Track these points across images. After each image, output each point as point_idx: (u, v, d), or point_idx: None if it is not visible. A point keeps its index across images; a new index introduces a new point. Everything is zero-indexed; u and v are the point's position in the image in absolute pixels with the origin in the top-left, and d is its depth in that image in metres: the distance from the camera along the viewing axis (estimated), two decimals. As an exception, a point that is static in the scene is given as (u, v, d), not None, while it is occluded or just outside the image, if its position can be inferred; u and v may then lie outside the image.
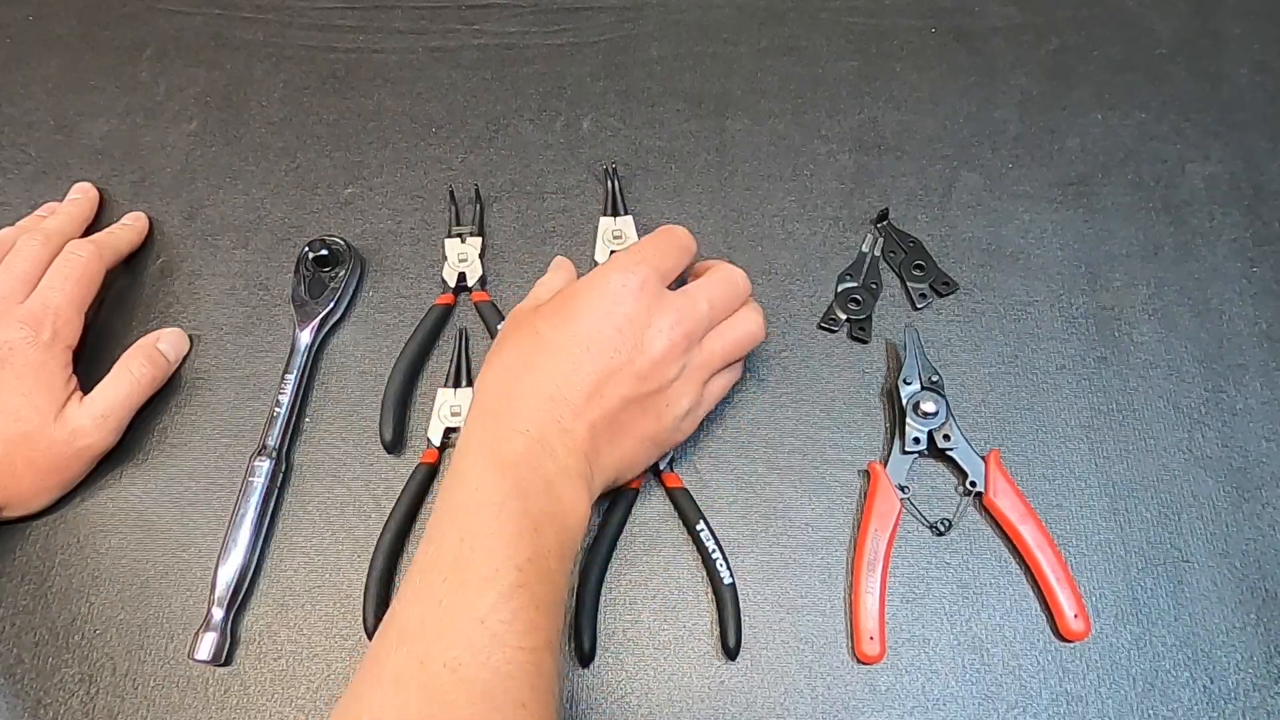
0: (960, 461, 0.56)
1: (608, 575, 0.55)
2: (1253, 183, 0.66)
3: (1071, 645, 0.53)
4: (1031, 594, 0.54)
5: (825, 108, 0.69)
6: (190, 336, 0.62)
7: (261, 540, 0.55)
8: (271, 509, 0.56)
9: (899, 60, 0.71)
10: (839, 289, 0.62)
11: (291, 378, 0.59)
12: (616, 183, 0.65)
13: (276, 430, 0.57)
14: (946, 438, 0.56)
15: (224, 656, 0.53)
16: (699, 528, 0.54)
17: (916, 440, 0.56)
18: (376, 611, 0.53)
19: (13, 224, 0.63)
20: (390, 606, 0.44)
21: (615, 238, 0.63)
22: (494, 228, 0.65)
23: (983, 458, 0.56)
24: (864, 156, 0.67)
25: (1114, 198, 0.65)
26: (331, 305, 0.61)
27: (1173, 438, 0.58)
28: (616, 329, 0.49)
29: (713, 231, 0.65)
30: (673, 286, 0.53)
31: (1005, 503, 0.55)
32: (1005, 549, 0.55)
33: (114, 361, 0.58)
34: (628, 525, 0.56)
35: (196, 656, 0.52)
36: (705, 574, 0.54)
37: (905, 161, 0.67)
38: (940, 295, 0.62)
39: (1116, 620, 0.53)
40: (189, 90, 0.71)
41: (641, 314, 0.50)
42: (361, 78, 0.71)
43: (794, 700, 0.52)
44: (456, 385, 0.59)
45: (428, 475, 0.57)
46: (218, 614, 0.53)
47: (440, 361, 0.61)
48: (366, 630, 0.53)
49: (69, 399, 0.55)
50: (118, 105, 0.71)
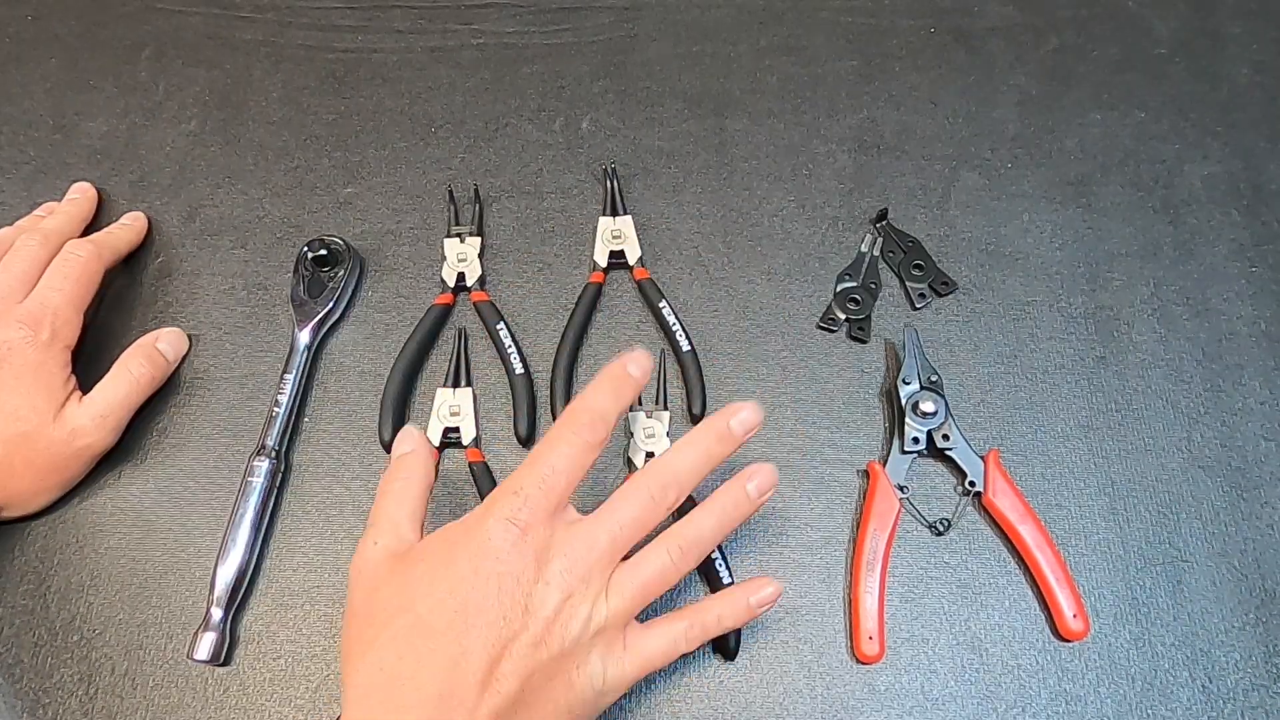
0: (959, 461, 0.56)
1: (607, 575, 0.55)
2: (1252, 183, 0.66)
3: (1071, 645, 0.53)
4: (1030, 594, 0.54)
5: (825, 108, 0.69)
6: (190, 336, 0.62)
7: (261, 540, 0.55)
8: (271, 509, 0.56)
9: (898, 60, 0.71)
10: (838, 289, 0.62)
11: (291, 378, 0.59)
12: (615, 183, 0.65)
13: (276, 430, 0.57)
14: (946, 437, 0.56)
15: (223, 656, 0.53)
16: (698, 528, 0.54)
17: (916, 440, 0.56)
18: (376, 612, 0.53)
19: (12, 224, 0.63)
20: None
21: (614, 237, 0.63)
22: (493, 227, 0.65)
23: (982, 457, 0.56)
24: (863, 156, 0.67)
25: (1113, 197, 0.65)
26: (331, 305, 0.61)
27: (1172, 438, 0.58)
28: (501, 591, 0.42)
29: (712, 231, 0.65)
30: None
31: (1004, 502, 0.55)
32: (1004, 549, 0.55)
33: (113, 361, 0.58)
34: (627, 525, 0.56)
35: (196, 656, 0.52)
36: (705, 574, 0.54)
37: (905, 161, 0.67)
38: (939, 295, 0.62)
39: (1115, 620, 0.53)
40: (188, 90, 0.71)
41: (528, 568, 0.43)
42: (361, 77, 0.71)
43: (793, 700, 0.52)
44: (455, 385, 0.59)
45: (427, 475, 0.57)
46: (217, 614, 0.53)
47: (439, 361, 0.61)
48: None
49: (68, 399, 0.55)
50: (117, 105, 0.71)
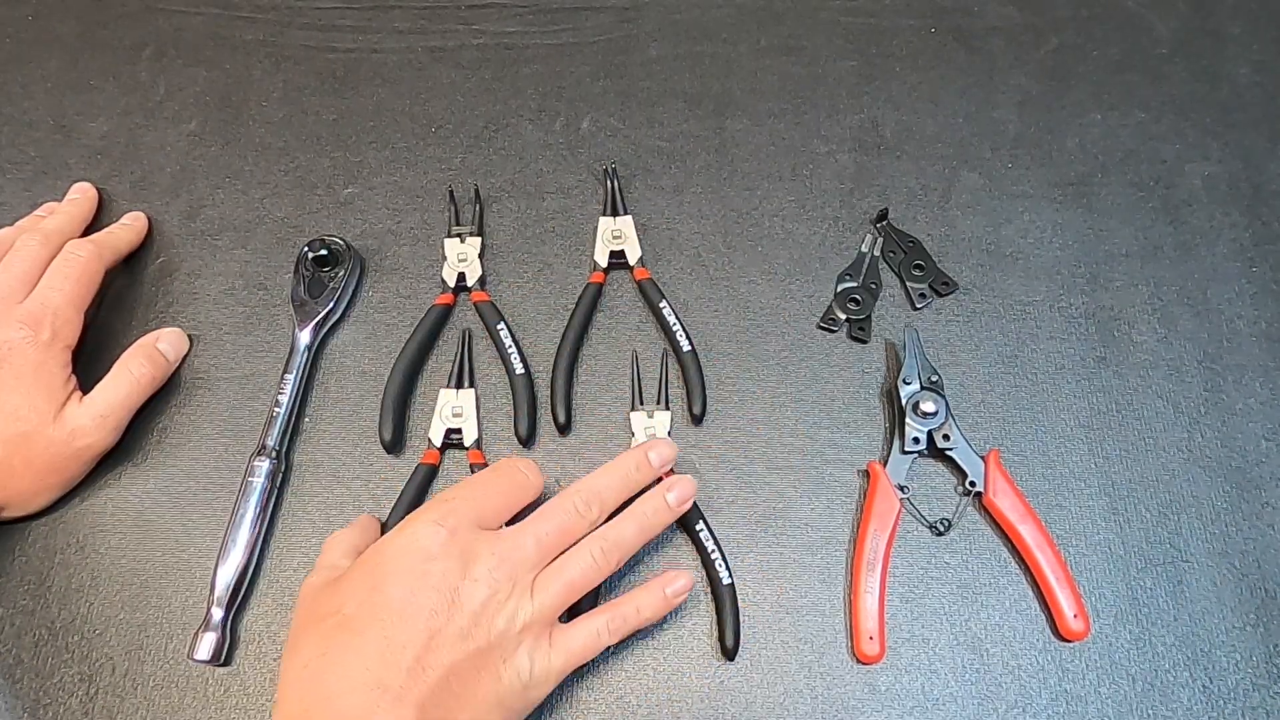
0: (960, 461, 0.56)
1: (607, 575, 0.55)
2: (1252, 183, 0.66)
3: (1071, 645, 0.53)
4: (1031, 594, 0.54)
5: (825, 108, 0.69)
6: (190, 336, 0.62)
7: (261, 540, 0.55)
8: (271, 509, 0.56)
9: (899, 60, 0.71)
10: (839, 289, 0.62)
11: (291, 378, 0.59)
12: (616, 183, 0.65)
13: (276, 430, 0.57)
14: (946, 437, 0.56)
15: (224, 656, 0.53)
16: (698, 528, 0.54)
17: (916, 440, 0.56)
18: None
19: (12, 224, 0.63)
20: None
21: (615, 237, 0.63)
22: (493, 228, 0.65)
23: (982, 457, 0.56)
24: (864, 156, 0.67)
25: (1114, 198, 0.65)
26: (331, 305, 0.61)
27: (1172, 437, 0.58)
28: (431, 588, 0.44)
29: (713, 231, 0.65)
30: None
31: (1005, 502, 0.55)
32: (1005, 549, 0.55)
33: (114, 361, 0.58)
34: (627, 525, 0.56)
35: (196, 656, 0.52)
36: (705, 574, 0.54)
37: (905, 161, 0.67)
38: (940, 295, 0.62)
39: (1116, 620, 0.53)
40: (189, 90, 0.71)
41: (455, 566, 0.45)
42: (361, 77, 0.71)
43: (794, 700, 0.52)
44: (459, 386, 0.59)
45: (428, 476, 0.57)
46: (217, 614, 0.53)
47: (440, 361, 0.61)
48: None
49: (68, 399, 0.55)
50: (117, 105, 0.71)
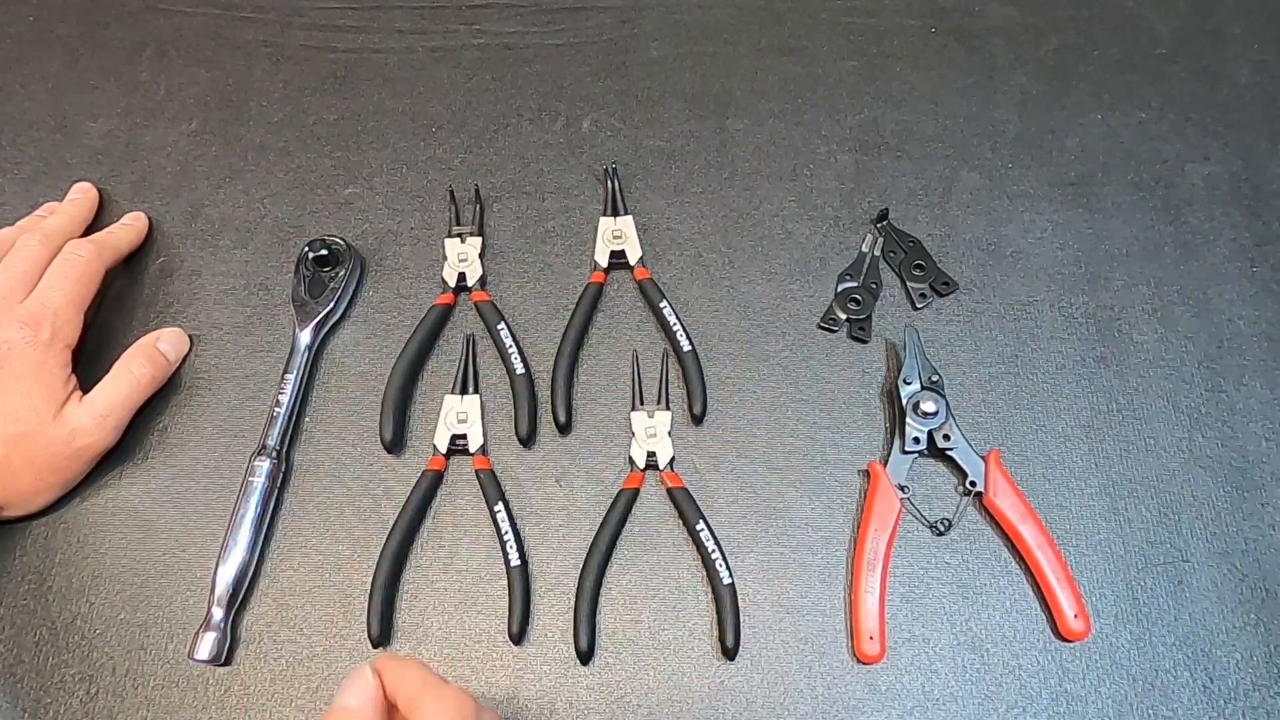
0: (960, 461, 0.56)
1: (607, 575, 0.55)
2: (1253, 183, 0.66)
3: (1071, 645, 0.53)
4: (1031, 594, 0.54)
5: (825, 108, 0.69)
6: (190, 336, 0.62)
7: (261, 540, 0.55)
8: (271, 509, 0.56)
9: (899, 60, 0.71)
10: (839, 289, 0.62)
11: (291, 378, 0.59)
12: (616, 183, 0.65)
13: (276, 430, 0.57)
14: (946, 437, 0.56)
15: (224, 656, 0.53)
16: (699, 528, 0.54)
17: (916, 440, 0.56)
18: (381, 620, 0.53)
19: (13, 224, 0.63)
20: None
21: (615, 237, 0.63)
22: (494, 228, 0.65)
23: (983, 457, 0.56)
24: (864, 156, 0.67)
25: (1114, 198, 0.65)
26: (331, 305, 0.61)
27: (1173, 437, 0.58)
28: None
29: (713, 231, 0.65)
30: None
31: (1005, 502, 0.55)
32: (1005, 549, 0.55)
33: (114, 361, 0.58)
34: (628, 525, 0.56)
35: (196, 656, 0.52)
36: (705, 574, 0.54)
37: (905, 161, 0.67)
38: (940, 295, 0.62)
39: (1116, 620, 0.53)
40: (189, 90, 0.71)
41: None
42: (361, 78, 0.71)
43: (794, 700, 0.52)
44: (463, 392, 0.59)
45: (433, 482, 0.57)
46: (218, 614, 0.53)
47: (440, 362, 0.61)
48: (371, 639, 0.53)
49: (68, 399, 0.55)
50: (118, 105, 0.71)
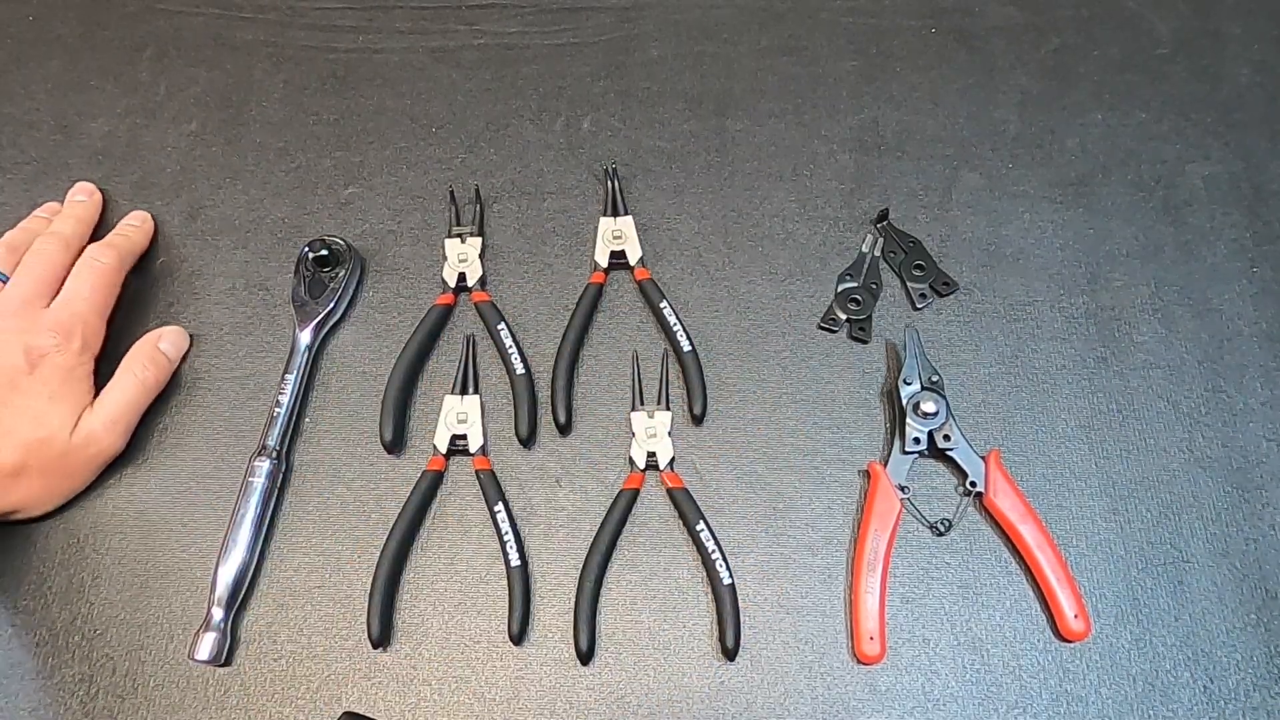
0: (960, 461, 0.56)
1: (607, 575, 0.55)
2: (1253, 183, 0.66)
3: (1071, 645, 0.53)
4: (1031, 594, 0.54)
5: (825, 108, 0.69)
6: (190, 335, 0.62)
7: (261, 540, 0.55)
8: (271, 509, 0.56)
9: (899, 60, 0.71)
10: (839, 289, 0.62)
11: (291, 378, 0.59)
12: (616, 183, 0.65)
13: (276, 430, 0.57)
14: (946, 438, 0.56)
15: (224, 656, 0.53)
16: (699, 528, 0.54)
17: (916, 440, 0.56)
18: (382, 620, 0.53)
19: (13, 224, 0.63)
20: None
21: (615, 238, 0.63)
22: (494, 228, 0.65)
23: (983, 458, 0.56)
24: (864, 156, 0.67)
25: (1114, 198, 0.65)
26: (331, 305, 0.61)
27: (1173, 438, 0.58)
28: None
29: (713, 231, 0.65)
30: None
31: (1005, 503, 0.55)
32: (1005, 549, 0.55)
33: (116, 361, 0.58)
34: (628, 525, 0.56)
35: (196, 656, 0.52)
36: (705, 574, 0.54)
37: (905, 161, 0.67)
38: (940, 295, 0.62)
39: (1116, 620, 0.53)
40: (189, 90, 0.71)
41: None
42: (361, 78, 0.71)
43: (794, 700, 0.52)
44: (464, 392, 0.59)
45: (433, 483, 0.57)
46: (218, 614, 0.53)
47: (440, 362, 0.61)
48: (372, 640, 0.53)
49: (85, 412, 0.56)
50: (118, 105, 0.71)
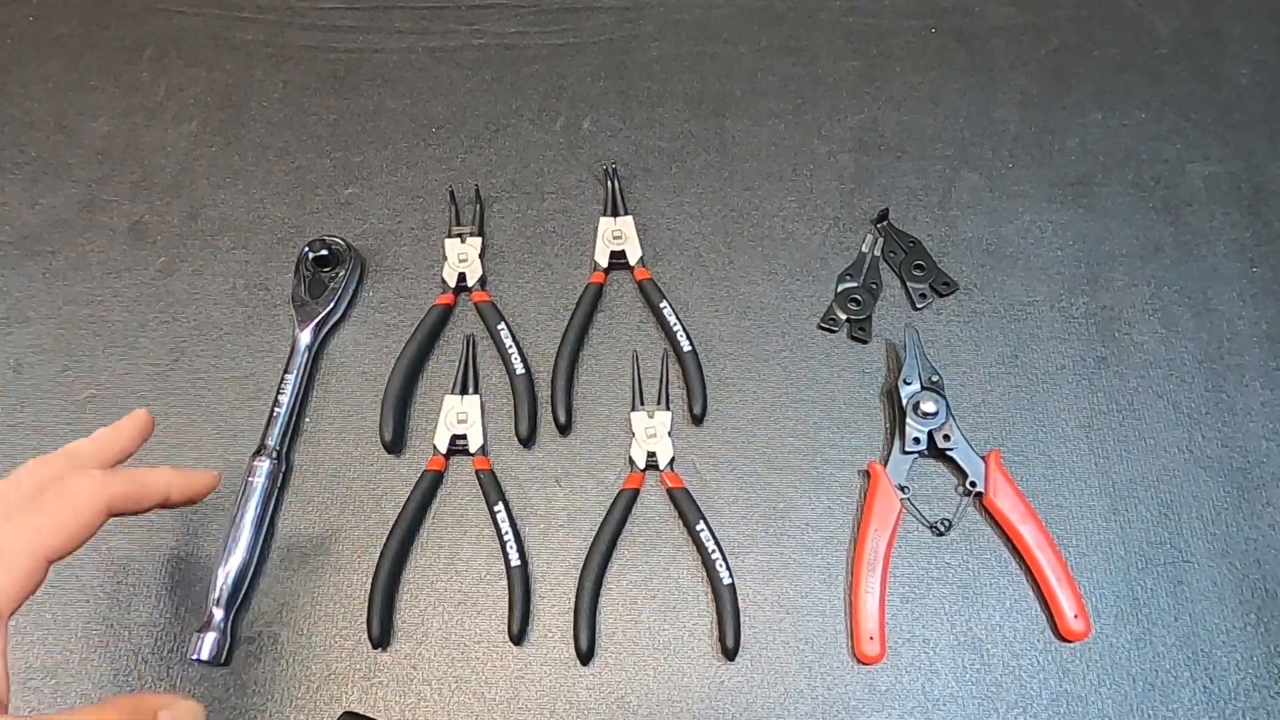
0: (960, 461, 0.56)
1: (608, 575, 0.55)
2: (1253, 183, 0.66)
3: (1071, 645, 0.53)
4: (1031, 594, 0.54)
5: (825, 108, 0.69)
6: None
7: (261, 540, 0.55)
8: (271, 509, 0.56)
9: (899, 60, 0.71)
10: (839, 289, 0.62)
11: (291, 378, 0.59)
12: (616, 183, 0.65)
13: (276, 430, 0.57)
14: (946, 438, 0.56)
15: (224, 656, 0.52)
16: (699, 528, 0.54)
17: (916, 440, 0.56)
18: (382, 620, 0.53)
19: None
20: None
21: (615, 237, 0.63)
22: (494, 228, 0.65)
23: (983, 458, 0.56)
24: (864, 156, 0.67)
25: (1114, 198, 0.65)
26: (331, 305, 0.61)
27: (1173, 438, 0.58)
28: None
29: (713, 231, 0.65)
30: None
31: (1005, 503, 0.55)
32: (1005, 549, 0.55)
33: (116, 362, 0.57)
34: (628, 525, 0.56)
35: (196, 657, 0.52)
36: (705, 574, 0.54)
37: (905, 161, 0.67)
38: (940, 295, 0.62)
39: (1116, 620, 0.53)
40: (189, 90, 0.71)
41: None
42: (361, 78, 0.71)
43: (794, 700, 0.52)
44: (464, 392, 0.59)
45: (433, 482, 0.57)
46: (218, 614, 0.53)
47: (440, 362, 0.61)
48: (371, 639, 0.53)
49: None
50: (118, 105, 0.71)
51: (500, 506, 0.55)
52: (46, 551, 0.38)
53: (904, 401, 0.57)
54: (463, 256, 0.63)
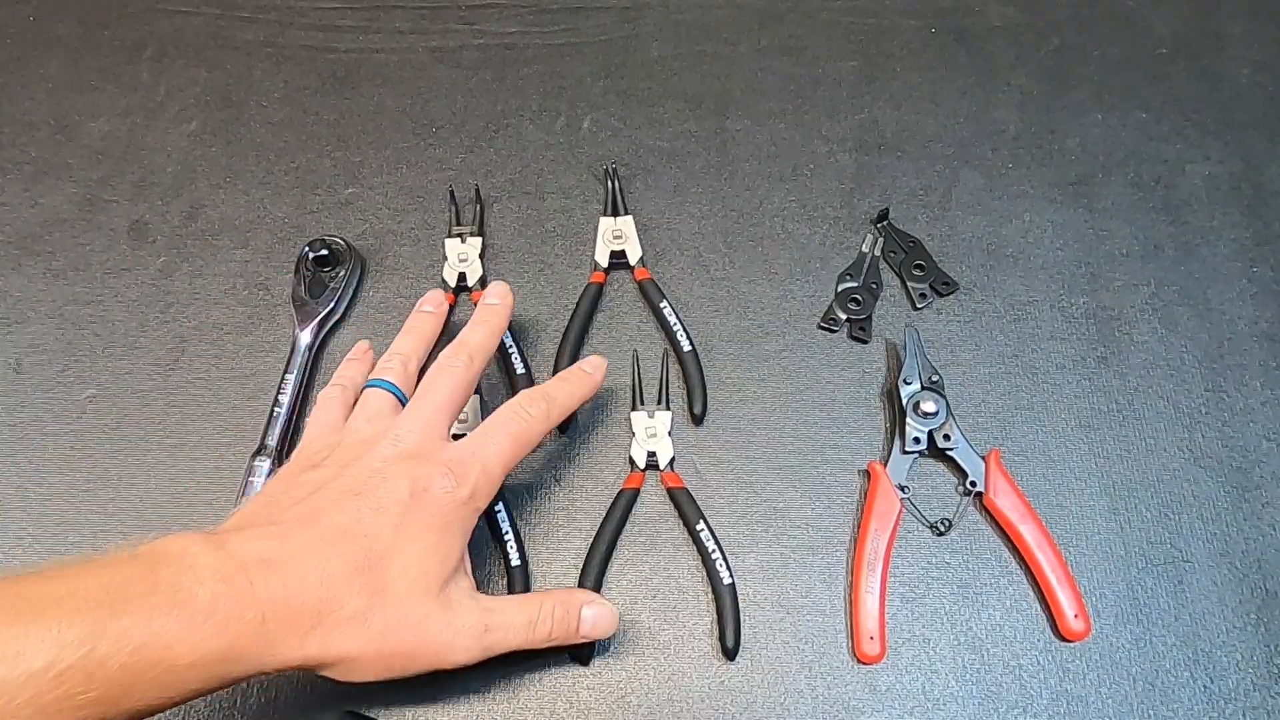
0: (960, 461, 0.56)
1: (607, 575, 0.55)
2: (1253, 183, 0.66)
3: (1071, 645, 0.53)
4: (1031, 594, 0.54)
5: (825, 108, 0.69)
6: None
7: (261, 540, 0.55)
8: (271, 509, 0.56)
9: (899, 60, 0.71)
10: (839, 289, 0.62)
11: (292, 378, 0.59)
12: (616, 183, 0.65)
13: (276, 430, 0.57)
14: (946, 437, 0.56)
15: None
16: (699, 528, 0.54)
17: (916, 440, 0.56)
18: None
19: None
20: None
21: (615, 237, 0.63)
22: (494, 228, 0.65)
23: (983, 457, 0.56)
24: (864, 156, 0.67)
25: (1114, 198, 0.65)
26: (331, 305, 0.61)
27: (1173, 438, 0.58)
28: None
29: (713, 231, 0.65)
30: None
31: (1005, 502, 0.55)
32: (1005, 549, 0.55)
33: (117, 361, 0.58)
34: (628, 525, 0.56)
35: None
36: (705, 574, 0.54)
37: (905, 161, 0.67)
38: (940, 295, 0.62)
39: (1116, 620, 0.53)
40: (189, 90, 0.71)
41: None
42: (361, 78, 0.71)
43: (794, 700, 0.52)
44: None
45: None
46: (218, 614, 0.53)
47: (440, 361, 0.61)
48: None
49: (452, 577, 0.46)
50: (118, 105, 0.71)
51: (501, 507, 0.55)
52: (511, 466, 0.50)
53: (904, 401, 0.57)
54: (463, 256, 0.63)
